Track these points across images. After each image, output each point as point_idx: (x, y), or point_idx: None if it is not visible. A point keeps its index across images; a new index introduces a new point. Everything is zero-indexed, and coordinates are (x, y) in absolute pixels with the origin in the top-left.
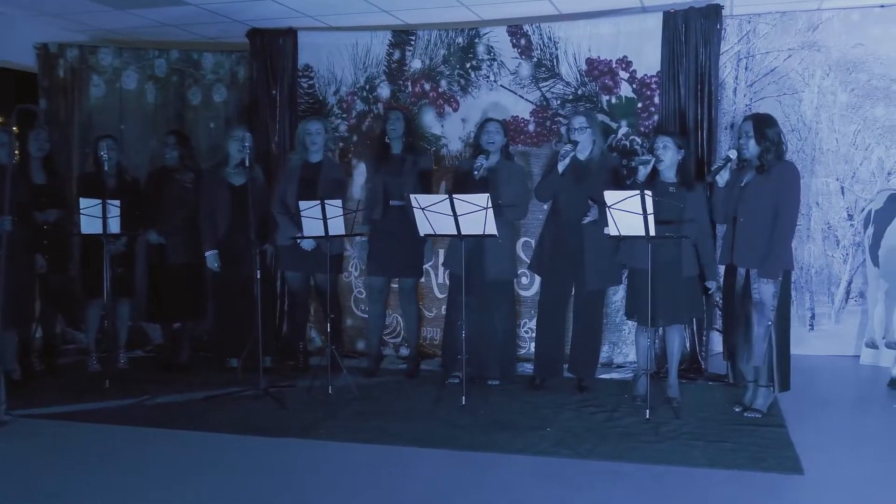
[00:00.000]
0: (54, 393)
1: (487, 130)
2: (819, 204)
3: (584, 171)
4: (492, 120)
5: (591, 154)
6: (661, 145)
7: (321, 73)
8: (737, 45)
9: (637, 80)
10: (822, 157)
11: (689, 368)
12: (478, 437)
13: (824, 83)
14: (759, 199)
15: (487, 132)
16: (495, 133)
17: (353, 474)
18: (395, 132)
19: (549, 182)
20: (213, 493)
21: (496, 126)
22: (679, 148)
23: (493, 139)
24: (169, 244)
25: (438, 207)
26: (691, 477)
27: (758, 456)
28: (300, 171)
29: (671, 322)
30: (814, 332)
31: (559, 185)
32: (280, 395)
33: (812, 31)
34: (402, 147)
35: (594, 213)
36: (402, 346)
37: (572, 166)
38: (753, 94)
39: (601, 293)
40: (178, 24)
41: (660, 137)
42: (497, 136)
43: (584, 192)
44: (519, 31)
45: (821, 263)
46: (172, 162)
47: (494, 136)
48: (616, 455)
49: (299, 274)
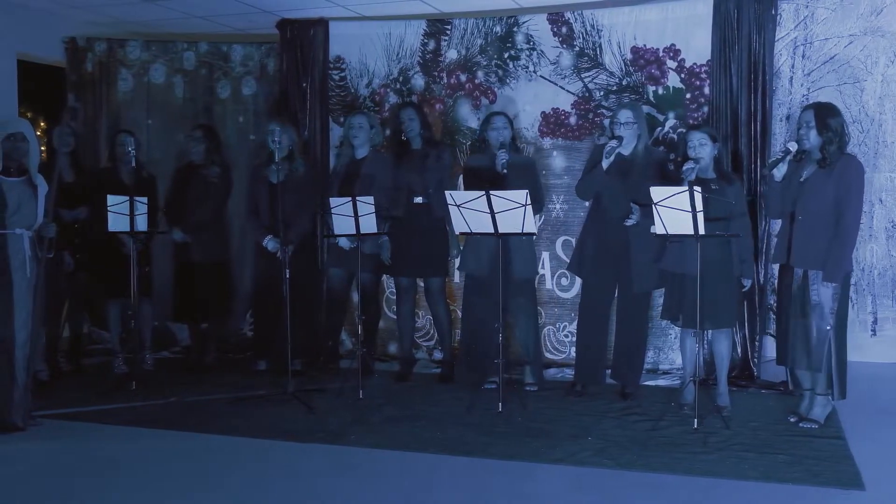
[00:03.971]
0: (80, 393)
1: (495, 126)
2: (882, 201)
3: (628, 167)
4: (499, 114)
5: (635, 149)
6: (698, 142)
7: (353, 65)
8: (793, 31)
9: (685, 70)
10: (885, 151)
11: (741, 375)
12: (514, 446)
13: (888, 71)
14: (821, 196)
15: (496, 128)
16: (503, 128)
17: (383, 482)
18: (412, 130)
19: (592, 179)
20: (238, 498)
21: (503, 120)
22: (714, 141)
23: (501, 134)
24: (194, 242)
25: (473, 205)
26: (742, 491)
27: (814, 469)
28: (346, 167)
29: (716, 326)
30: (876, 337)
31: (602, 182)
32: (308, 399)
33: (875, 15)
34: (422, 142)
35: (637, 214)
36: (436, 350)
37: (616, 162)
38: (811, 84)
39: (647, 296)
40: (207, 15)
41: (693, 134)
42: (505, 131)
43: (629, 189)
44: (560, 18)
45: (884, 264)
46: (199, 157)
47: (503, 132)
48: (660, 467)
49: (341, 272)
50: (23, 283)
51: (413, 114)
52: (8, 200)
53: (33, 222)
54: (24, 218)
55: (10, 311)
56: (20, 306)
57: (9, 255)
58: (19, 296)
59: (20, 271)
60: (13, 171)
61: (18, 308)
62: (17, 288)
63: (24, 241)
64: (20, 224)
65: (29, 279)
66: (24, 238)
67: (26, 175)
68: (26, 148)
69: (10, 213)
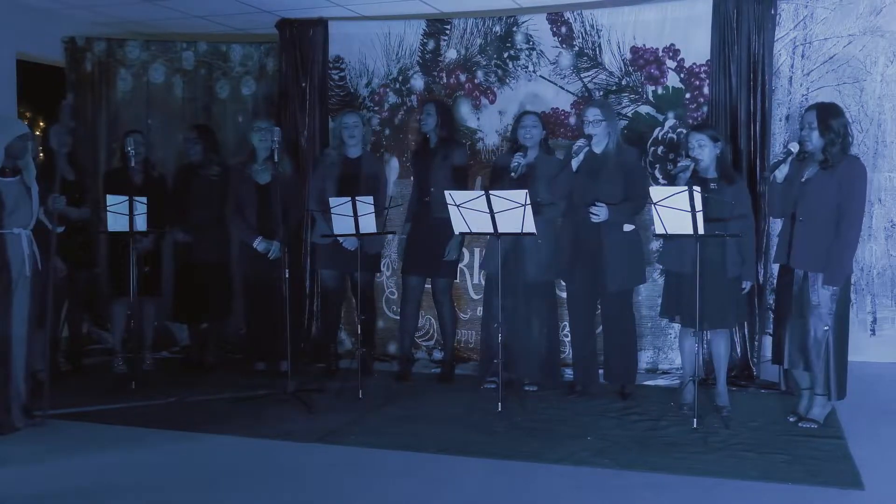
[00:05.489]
0: (80, 393)
1: (524, 124)
2: (882, 200)
3: (599, 165)
4: (529, 113)
5: (606, 147)
6: (697, 144)
7: (352, 65)
8: (792, 31)
9: (685, 70)
10: (885, 151)
11: (740, 375)
12: (514, 445)
13: (888, 71)
14: (822, 198)
15: (524, 126)
16: (532, 126)
17: (383, 482)
18: (427, 126)
19: (563, 179)
20: (238, 498)
21: (534, 119)
22: (715, 141)
23: (530, 133)
24: (195, 243)
25: (474, 204)
26: (741, 491)
27: (814, 469)
28: (340, 167)
29: (716, 326)
30: (875, 337)
31: (572, 182)
32: (308, 399)
33: (875, 15)
34: (437, 140)
35: (603, 212)
36: (436, 350)
37: (587, 161)
38: (811, 84)
39: (627, 293)
40: (206, 15)
41: (693, 135)
42: (534, 130)
43: (600, 188)
44: (559, 18)
45: (883, 264)
46: (197, 157)
47: (532, 130)
48: (661, 466)
49: (335, 272)
50: (21, 282)
51: (431, 109)
52: (5, 200)
53: (30, 221)
54: (21, 217)
55: (9, 311)
56: (19, 306)
57: (7, 254)
58: (18, 295)
59: (19, 270)
60: (8, 171)
61: (17, 307)
62: (16, 287)
63: (22, 241)
64: (17, 223)
65: (28, 278)
66: (23, 237)
67: (20, 175)
68: (29, 148)
69: (7, 213)
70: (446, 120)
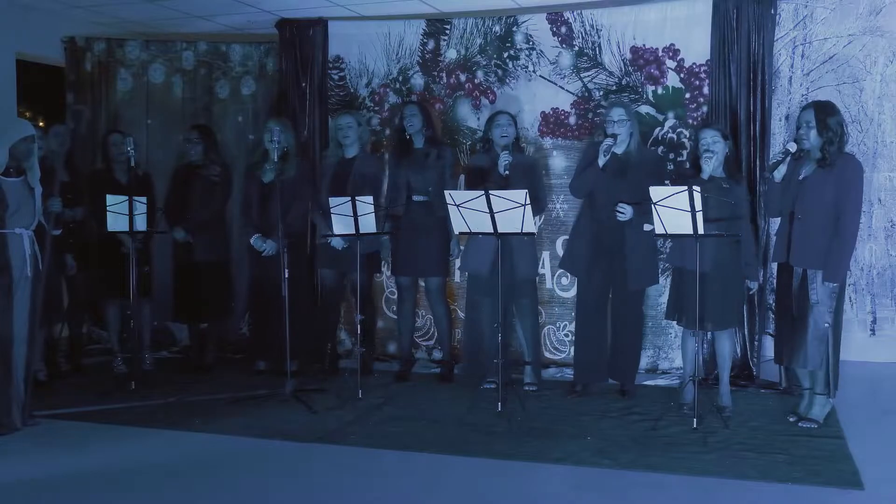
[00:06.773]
0: (79, 394)
1: (499, 124)
2: (881, 200)
3: (622, 165)
4: (503, 112)
5: (628, 147)
6: (711, 140)
7: (352, 65)
8: (792, 31)
9: (685, 70)
10: (884, 151)
11: (740, 375)
12: (514, 445)
13: (887, 71)
14: (820, 196)
15: (500, 125)
16: (507, 126)
17: (383, 482)
18: (413, 126)
19: (588, 177)
20: (238, 498)
21: (508, 118)
22: (725, 139)
23: (506, 132)
24: (196, 242)
25: (473, 204)
26: (741, 490)
27: (814, 469)
28: (335, 167)
29: (721, 326)
30: (875, 337)
31: (598, 180)
32: (308, 399)
33: (875, 15)
34: (424, 141)
35: (629, 211)
36: (436, 350)
37: (609, 161)
38: (810, 84)
39: (641, 293)
40: (206, 15)
41: (705, 132)
42: (510, 129)
43: (623, 187)
44: (559, 18)
45: (883, 264)
46: (197, 157)
47: (507, 129)
48: (660, 466)
49: (334, 272)
50: (23, 282)
51: (415, 110)
52: (8, 200)
53: (32, 222)
54: (23, 217)
55: (10, 310)
56: (20, 305)
57: (9, 254)
58: (19, 295)
59: (20, 270)
60: (12, 171)
61: (18, 307)
62: (17, 287)
63: (23, 241)
64: (19, 224)
65: (29, 278)
66: (24, 237)
67: (24, 175)
68: (35, 149)
69: (10, 213)
70: (430, 121)
